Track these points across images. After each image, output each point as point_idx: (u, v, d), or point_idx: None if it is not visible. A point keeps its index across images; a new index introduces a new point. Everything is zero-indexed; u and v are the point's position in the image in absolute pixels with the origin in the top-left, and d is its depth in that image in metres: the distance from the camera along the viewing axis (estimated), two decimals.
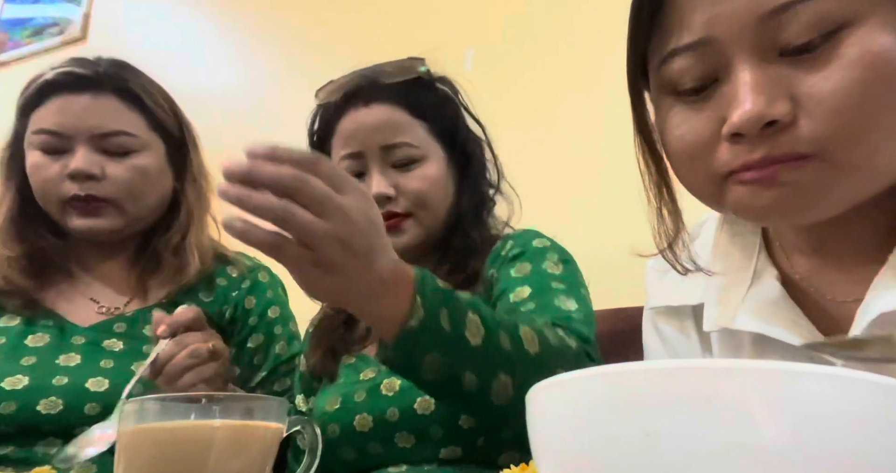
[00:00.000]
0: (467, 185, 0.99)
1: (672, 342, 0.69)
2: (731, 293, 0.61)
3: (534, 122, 1.51)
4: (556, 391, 0.35)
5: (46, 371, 0.91)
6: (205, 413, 0.53)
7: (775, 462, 0.29)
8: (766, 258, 0.62)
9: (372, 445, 0.85)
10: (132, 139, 1.00)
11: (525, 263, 0.90)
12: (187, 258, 1.03)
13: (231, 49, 2.13)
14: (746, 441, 0.29)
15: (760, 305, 0.59)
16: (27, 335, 0.95)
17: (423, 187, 0.93)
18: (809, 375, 0.30)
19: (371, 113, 0.94)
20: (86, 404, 0.89)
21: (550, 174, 1.43)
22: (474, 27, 1.68)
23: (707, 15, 0.49)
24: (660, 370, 0.31)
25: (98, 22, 2.36)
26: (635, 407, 0.31)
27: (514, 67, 1.58)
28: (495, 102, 1.07)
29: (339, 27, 1.90)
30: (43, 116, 0.98)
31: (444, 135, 0.98)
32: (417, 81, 0.97)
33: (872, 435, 0.29)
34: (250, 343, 1.07)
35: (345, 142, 0.95)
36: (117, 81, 1.00)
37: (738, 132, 0.48)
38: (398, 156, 0.94)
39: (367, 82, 0.95)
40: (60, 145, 0.97)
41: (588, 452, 0.32)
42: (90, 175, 0.96)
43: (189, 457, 0.52)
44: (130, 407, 0.55)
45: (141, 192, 1.00)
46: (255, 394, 1.01)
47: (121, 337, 0.98)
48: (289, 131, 1.88)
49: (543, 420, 0.36)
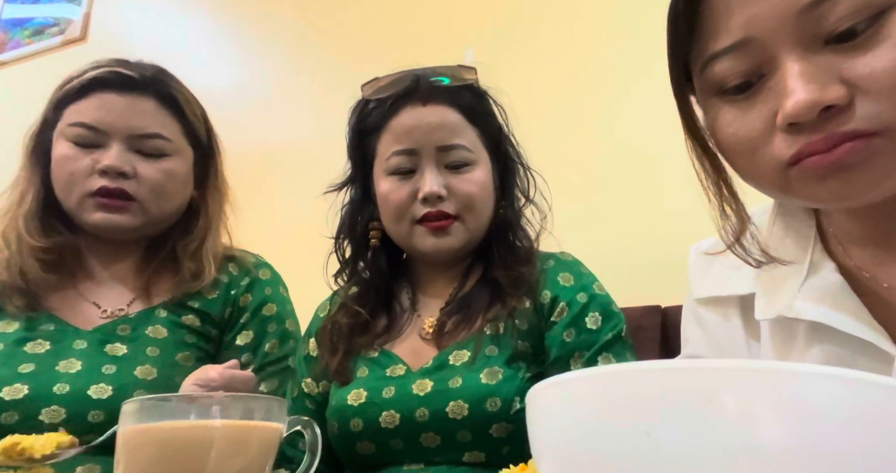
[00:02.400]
0: (507, 195, 1.01)
1: (714, 332, 0.69)
2: (787, 283, 0.60)
3: (534, 121, 1.51)
4: (556, 391, 0.35)
5: (47, 379, 0.90)
6: (205, 413, 0.53)
7: (775, 462, 0.29)
8: (821, 249, 0.61)
9: (395, 441, 0.86)
10: (167, 143, 1.02)
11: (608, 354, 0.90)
12: (203, 265, 1.04)
13: (231, 49, 2.13)
14: (746, 441, 0.29)
15: (819, 294, 0.58)
16: (26, 341, 0.94)
17: (474, 191, 0.94)
18: (810, 375, 0.30)
19: (429, 112, 0.95)
20: (89, 412, 0.87)
21: (550, 174, 1.43)
22: (474, 27, 1.69)
23: (744, 17, 0.50)
24: (660, 370, 0.31)
25: (98, 22, 2.36)
26: (635, 407, 0.31)
27: (514, 67, 1.58)
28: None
29: (339, 27, 1.90)
30: (82, 109, 0.99)
31: (491, 142, 1.00)
32: (470, 88, 0.99)
33: (872, 435, 0.29)
34: (238, 341, 1.06)
35: (399, 138, 0.95)
36: (160, 86, 1.03)
37: (794, 121, 0.48)
38: (453, 157, 0.95)
39: (423, 82, 0.96)
40: (95, 140, 0.98)
41: (588, 452, 0.32)
42: (122, 172, 0.97)
43: (189, 457, 0.52)
44: (130, 407, 0.55)
45: (167, 194, 1.02)
46: (255, 394, 1.00)
47: (124, 341, 0.97)
48: (288, 131, 1.89)
49: (543, 420, 0.36)
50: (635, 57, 1.44)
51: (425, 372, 0.89)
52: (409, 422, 0.85)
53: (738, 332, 0.67)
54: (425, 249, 0.95)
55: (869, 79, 0.47)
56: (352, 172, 1.04)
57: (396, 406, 0.86)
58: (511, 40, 1.62)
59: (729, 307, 0.68)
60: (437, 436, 0.85)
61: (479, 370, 0.86)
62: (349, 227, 1.03)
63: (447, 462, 0.85)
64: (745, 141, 0.52)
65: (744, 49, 0.51)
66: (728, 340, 0.68)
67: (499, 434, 0.83)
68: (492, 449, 0.84)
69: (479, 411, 0.83)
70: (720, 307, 0.69)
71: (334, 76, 1.82)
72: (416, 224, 0.94)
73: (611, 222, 1.38)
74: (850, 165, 0.48)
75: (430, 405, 0.85)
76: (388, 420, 0.86)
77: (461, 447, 0.84)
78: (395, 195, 0.95)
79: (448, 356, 0.90)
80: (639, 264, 1.31)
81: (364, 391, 0.89)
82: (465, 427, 0.84)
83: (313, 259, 1.06)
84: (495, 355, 0.88)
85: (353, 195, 1.04)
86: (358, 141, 1.02)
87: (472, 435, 0.84)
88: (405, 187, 0.94)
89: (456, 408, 0.84)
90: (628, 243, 1.35)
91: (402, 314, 0.99)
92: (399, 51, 1.00)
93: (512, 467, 0.55)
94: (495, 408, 0.83)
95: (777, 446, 0.29)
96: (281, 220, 1.72)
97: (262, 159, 1.82)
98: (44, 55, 2.39)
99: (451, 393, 0.85)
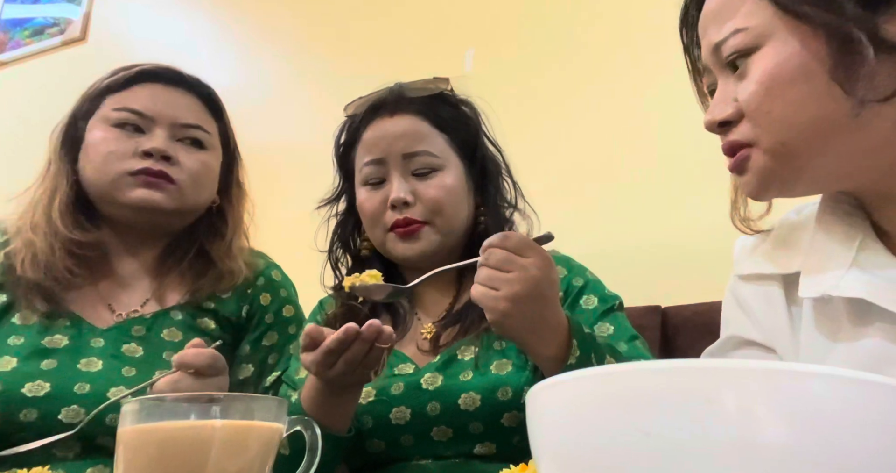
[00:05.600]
0: (488, 200, 1.02)
1: (755, 313, 0.71)
2: (833, 263, 0.63)
3: (533, 121, 1.51)
4: (556, 391, 0.35)
5: (68, 377, 0.90)
6: (205, 413, 0.53)
7: (775, 462, 0.29)
8: (874, 235, 0.64)
9: (405, 437, 0.87)
10: (207, 135, 1.07)
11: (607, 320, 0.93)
12: (238, 263, 1.07)
13: (231, 49, 2.13)
14: (746, 441, 0.29)
15: (868, 275, 0.61)
16: (45, 335, 0.94)
17: (440, 195, 0.96)
18: (810, 375, 0.30)
19: (395, 122, 0.98)
20: (108, 414, 0.85)
21: (550, 173, 1.43)
22: (474, 27, 1.69)
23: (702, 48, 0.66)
24: (660, 370, 0.31)
25: (98, 22, 2.36)
26: (635, 407, 0.31)
27: (514, 67, 1.58)
28: (495, 101, 1.07)
29: (339, 27, 1.90)
30: (129, 97, 1.03)
31: (463, 149, 1.02)
32: (441, 97, 1.02)
33: (873, 435, 0.29)
34: (265, 341, 1.08)
35: (368, 149, 0.99)
36: (203, 88, 1.09)
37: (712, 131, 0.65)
38: (418, 164, 0.97)
39: (392, 95, 1.00)
40: (140, 124, 1.01)
41: (588, 452, 0.32)
42: (167, 156, 1.00)
43: (189, 457, 0.52)
44: (130, 407, 0.55)
45: (202, 184, 1.06)
46: (255, 394, 1.00)
47: (140, 342, 0.97)
48: (288, 131, 1.89)
49: (543, 420, 0.36)
50: (637, 58, 1.45)
51: (434, 368, 0.90)
52: (421, 417, 0.87)
53: (780, 313, 0.68)
54: (397, 254, 0.97)
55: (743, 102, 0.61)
56: (340, 186, 1.08)
57: (406, 402, 0.87)
58: (511, 41, 1.62)
59: (772, 284, 0.70)
60: (449, 429, 0.86)
61: (489, 362, 0.88)
62: (341, 239, 1.06)
63: (457, 455, 0.87)
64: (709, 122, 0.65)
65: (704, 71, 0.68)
66: (770, 322, 0.69)
67: (510, 423, 0.85)
68: (502, 440, 0.86)
69: (491, 400, 0.85)
70: (763, 285, 0.71)
71: (334, 76, 1.83)
72: (389, 232, 0.97)
73: (611, 222, 1.38)
74: (743, 169, 0.62)
75: (442, 399, 0.86)
76: (399, 415, 0.87)
77: (472, 439, 0.86)
78: (368, 204, 0.98)
79: (456, 351, 0.91)
80: (639, 264, 1.31)
81: (372, 390, 0.90)
82: (477, 418, 0.85)
83: (313, 259, 1.07)
84: (503, 348, 0.90)
85: (342, 209, 1.08)
86: (341, 156, 1.06)
87: (484, 426, 0.86)
88: (377, 196, 0.97)
89: (468, 400, 0.86)
90: (628, 244, 1.35)
91: (405, 315, 1.00)
92: (399, 51, 1.01)
93: (512, 467, 0.55)
94: (507, 397, 0.85)
95: (777, 445, 0.29)
96: (281, 220, 1.72)
97: (261, 160, 1.82)
98: (44, 55, 2.39)
99: (462, 386, 0.86)
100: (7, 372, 0.89)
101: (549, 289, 0.74)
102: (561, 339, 0.76)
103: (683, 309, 1.18)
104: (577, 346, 0.76)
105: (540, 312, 0.74)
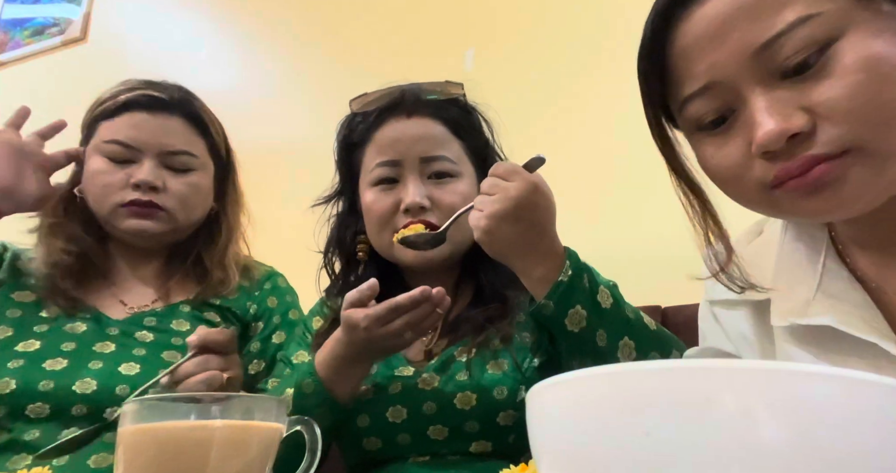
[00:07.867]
0: None
1: (729, 332, 0.71)
2: (801, 289, 0.62)
3: (533, 121, 1.51)
4: (556, 391, 0.35)
5: (84, 356, 0.99)
6: (205, 413, 0.53)
7: (775, 462, 0.29)
8: (834, 255, 0.63)
9: (402, 436, 0.87)
10: (193, 159, 1.10)
11: None
12: (229, 273, 1.13)
13: (231, 49, 2.13)
14: (746, 441, 0.29)
15: (833, 300, 0.60)
16: (66, 324, 1.03)
17: (457, 202, 0.94)
18: (810, 375, 0.30)
19: (413, 124, 0.97)
20: (117, 385, 0.96)
21: (550, 173, 1.43)
22: (474, 27, 1.69)
23: (705, 64, 0.55)
24: (660, 370, 0.31)
25: (98, 22, 2.36)
26: (635, 407, 0.31)
27: (515, 67, 1.58)
28: (495, 101, 1.07)
29: (339, 28, 1.90)
30: (116, 128, 1.07)
31: (476, 156, 1.01)
32: (455, 102, 1.00)
33: (872, 435, 0.29)
34: (275, 339, 1.12)
35: (382, 150, 0.97)
36: (187, 106, 1.11)
37: (766, 150, 0.53)
38: (436, 168, 0.96)
39: (409, 96, 0.97)
40: (129, 156, 1.07)
41: (588, 452, 0.32)
42: (154, 186, 1.06)
43: (189, 457, 0.52)
44: (130, 407, 0.55)
45: (192, 205, 1.11)
46: (255, 394, 1.01)
47: (151, 330, 1.05)
48: (288, 131, 1.89)
49: (543, 420, 0.36)
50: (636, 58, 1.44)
51: (431, 369, 0.90)
52: (417, 416, 0.87)
53: (752, 333, 0.68)
54: (406, 260, 0.96)
55: (827, 105, 0.51)
56: (339, 186, 1.06)
57: (403, 401, 0.88)
58: (511, 41, 1.62)
59: (742, 309, 0.69)
60: (445, 428, 0.86)
61: (485, 363, 0.88)
62: (338, 241, 1.05)
63: (453, 453, 0.87)
64: (728, 170, 0.57)
65: (711, 91, 0.56)
66: (743, 339, 0.69)
67: (505, 422, 0.85)
68: (498, 438, 0.86)
69: (487, 400, 0.85)
70: (734, 310, 0.71)
71: (334, 76, 1.83)
72: None
73: (611, 222, 1.38)
74: (827, 184, 0.52)
75: (438, 399, 0.86)
76: (395, 414, 0.87)
77: (468, 437, 0.86)
78: (377, 206, 0.96)
79: (453, 352, 0.91)
80: (639, 265, 1.31)
81: (370, 388, 0.90)
82: (473, 417, 0.85)
83: (313, 259, 1.07)
84: (500, 349, 0.90)
85: (341, 209, 1.06)
86: (345, 155, 1.04)
87: (480, 425, 0.86)
88: (388, 198, 0.96)
89: (464, 399, 0.86)
90: (628, 244, 1.35)
91: None
92: (399, 51, 1.01)
93: (512, 467, 0.55)
94: (502, 396, 0.85)
95: (776, 446, 0.29)
96: (280, 220, 1.72)
97: (261, 159, 1.82)
98: (44, 55, 2.38)
99: (458, 386, 0.87)
100: (30, 352, 0.98)
101: (530, 212, 0.78)
102: (553, 263, 0.79)
103: (683, 309, 1.18)
104: (570, 266, 0.79)
105: (523, 234, 0.78)
